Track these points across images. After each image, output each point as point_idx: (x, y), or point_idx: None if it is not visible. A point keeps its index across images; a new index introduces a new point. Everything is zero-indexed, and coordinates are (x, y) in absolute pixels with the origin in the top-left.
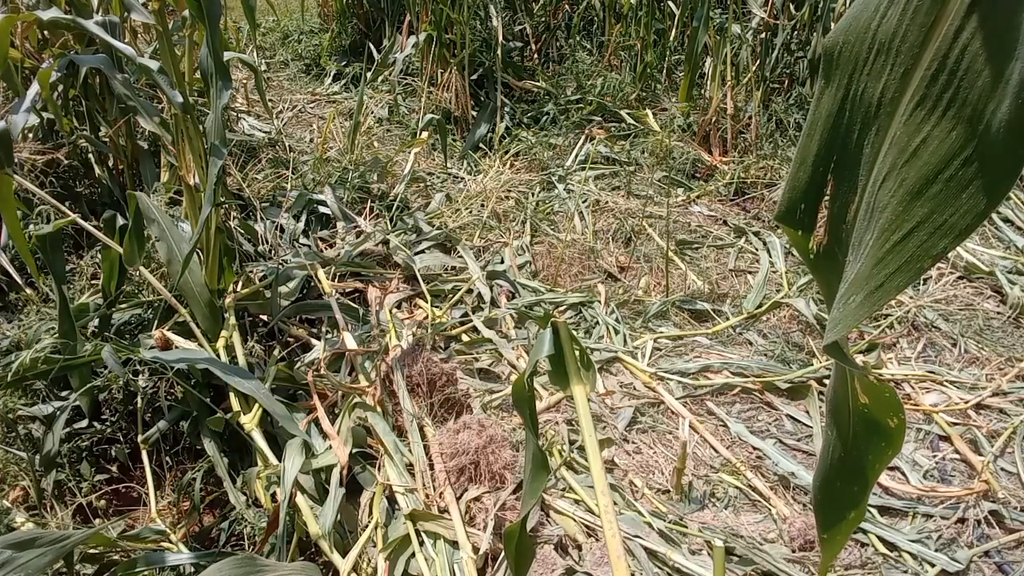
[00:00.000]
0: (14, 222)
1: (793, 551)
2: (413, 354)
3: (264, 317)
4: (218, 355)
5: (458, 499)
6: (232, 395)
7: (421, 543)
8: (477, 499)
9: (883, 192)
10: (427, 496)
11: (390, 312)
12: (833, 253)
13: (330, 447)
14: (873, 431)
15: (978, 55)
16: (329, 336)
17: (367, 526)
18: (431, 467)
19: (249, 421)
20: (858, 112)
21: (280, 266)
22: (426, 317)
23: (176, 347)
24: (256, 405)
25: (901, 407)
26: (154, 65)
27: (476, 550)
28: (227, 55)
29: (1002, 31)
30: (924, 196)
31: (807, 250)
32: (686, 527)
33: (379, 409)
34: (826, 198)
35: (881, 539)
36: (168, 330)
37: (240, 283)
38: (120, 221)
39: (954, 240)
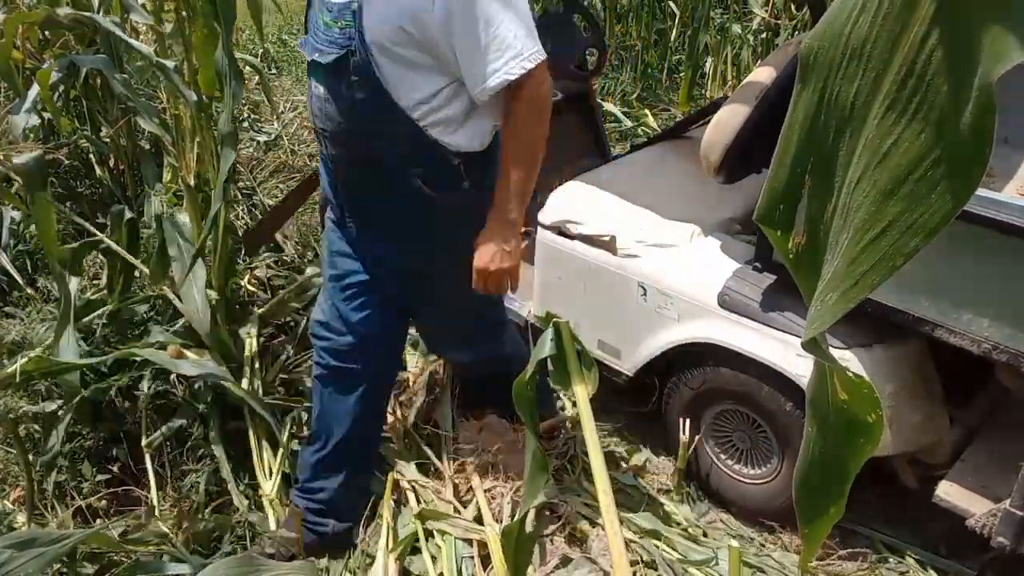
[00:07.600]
0: (50, 236)
1: (797, 553)
2: None
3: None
4: (227, 354)
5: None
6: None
7: (431, 536)
8: (488, 491)
9: (857, 192)
10: (440, 490)
11: None
12: (812, 252)
13: None
14: (852, 427)
15: (944, 61)
16: None
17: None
18: (442, 460)
19: (255, 428)
20: (833, 115)
21: (298, 276)
22: None
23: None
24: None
25: (879, 403)
26: (170, 64)
27: (484, 546)
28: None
29: (965, 38)
30: (896, 196)
31: (787, 250)
32: (688, 528)
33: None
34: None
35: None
36: (174, 332)
37: (247, 281)
38: (128, 214)
39: (924, 238)
